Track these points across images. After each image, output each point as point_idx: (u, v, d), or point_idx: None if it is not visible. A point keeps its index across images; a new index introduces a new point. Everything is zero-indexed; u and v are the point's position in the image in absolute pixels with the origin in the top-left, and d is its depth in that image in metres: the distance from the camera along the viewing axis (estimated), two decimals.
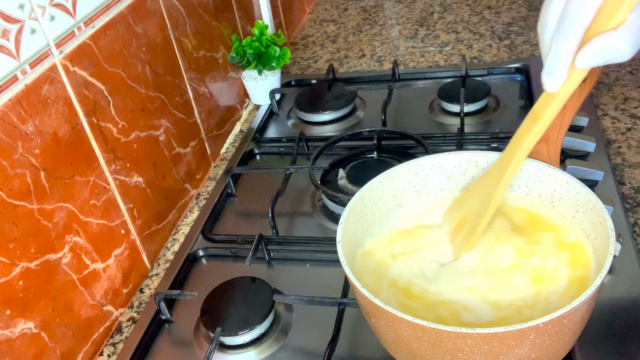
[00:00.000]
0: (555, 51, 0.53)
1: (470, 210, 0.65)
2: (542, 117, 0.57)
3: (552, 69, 0.54)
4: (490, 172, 0.65)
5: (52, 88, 0.70)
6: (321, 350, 0.67)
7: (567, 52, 0.52)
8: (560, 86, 0.55)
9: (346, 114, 1.12)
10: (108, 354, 0.78)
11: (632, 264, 0.71)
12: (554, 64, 0.54)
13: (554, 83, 0.55)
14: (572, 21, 0.51)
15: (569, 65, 0.53)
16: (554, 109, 0.57)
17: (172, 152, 0.95)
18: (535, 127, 0.58)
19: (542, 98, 0.58)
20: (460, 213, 0.67)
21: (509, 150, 0.62)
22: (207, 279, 0.84)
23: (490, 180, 0.64)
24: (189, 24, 1.01)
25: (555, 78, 0.54)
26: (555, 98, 0.56)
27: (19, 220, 0.65)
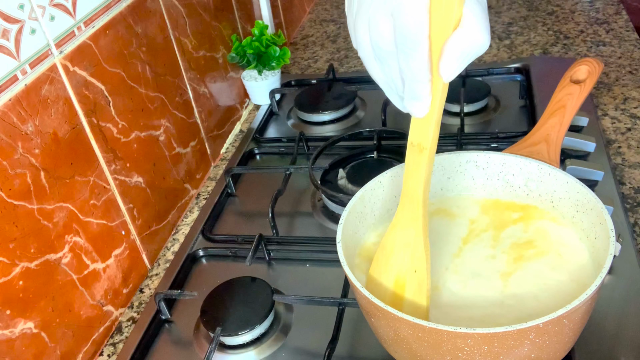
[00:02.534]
0: (409, 73, 0.47)
1: (402, 266, 0.59)
2: (427, 144, 0.52)
3: (414, 94, 0.48)
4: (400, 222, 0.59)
5: (52, 88, 0.70)
6: (321, 350, 0.67)
7: (422, 69, 0.47)
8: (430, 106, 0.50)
9: (346, 114, 1.12)
10: (108, 354, 0.78)
11: (632, 264, 0.71)
12: (414, 87, 0.48)
13: (423, 106, 0.49)
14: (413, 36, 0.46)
15: (429, 82, 0.48)
16: (435, 130, 0.51)
17: (172, 152, 0.95)
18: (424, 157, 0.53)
19: (415, 126, 0.52)
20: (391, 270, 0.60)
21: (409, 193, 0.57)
22: (207, 279, 0.84)
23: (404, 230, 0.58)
24: (189, 24, 1.01)
25: (422, 101, 0.49)
26: (432, 119, 0.51)
27: (19, 220, 0.65)
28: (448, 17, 0.45)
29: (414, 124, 0.53)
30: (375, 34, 0.48)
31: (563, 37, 1.26)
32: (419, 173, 0.55)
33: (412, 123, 0.53)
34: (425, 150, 0.53)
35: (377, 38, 0.48)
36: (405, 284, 0.59)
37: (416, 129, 0.53)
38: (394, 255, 0.60)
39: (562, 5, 1.39)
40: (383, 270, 0.60)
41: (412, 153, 0.54)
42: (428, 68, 0.47)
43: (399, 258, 0.59)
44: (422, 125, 0.52)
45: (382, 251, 0.61)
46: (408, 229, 0.58)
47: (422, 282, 0.58)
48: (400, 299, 0.59)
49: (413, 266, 0.58)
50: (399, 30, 0.46)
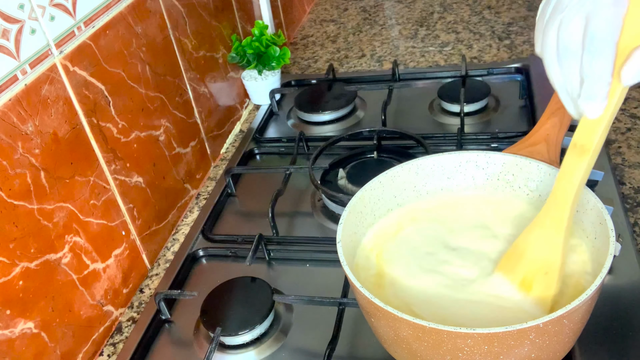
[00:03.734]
0: (591, 74, 0.50)
1: (533, 267, 0.59)
2: (591, 147, 0.53)
3: (592, 94, 0.50)
4: (542, 222, 0.59)
5: (52, 88, 0.70)
6: (321, 350, 0.67)
7: (605, 72, 0.49)
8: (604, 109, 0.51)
9: (346, 114, 1.12)
10: (108, 354, 0.78)
11: (632, 264, 0.71)
12: (593, 88, 0.50)
13: (597, 108, 0.51)
14: (603, 39, 0.48)
15: (609, 86, 0.50)
16: (601, 135, 0.52)
17: (172, 152, 0.95)
18: (584, 160, 0.54)
19: (583, 127, 0.54)
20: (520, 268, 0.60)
21: (559, 194, 0.57)
22: (207, 279, 0.84)
23: (545, 230, 0.59)
24: (189, 24, 1.01)
25: (597, 102, 0.50)
26: (602, 123, 0.52)
27: (19, 220, 0.65)
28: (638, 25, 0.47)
29: (582, 124, 0.54)
30: (565, 33, 0.50)
31: None
32: (574, 175, 0.56)
33: (580, 123, 0.54)
34: (587, 153, 0.54)
35: (566, 37, 0.50)
36: (532, 284, 0.59)
37: (583, 130, 0.54)
38: (527, 254, 0.60)
39: None
40: (512, 266, 0.61)
41: (572, 154, 0.55)
42: (611, 71, 0.49)
43: (531, 258, 0.59)
44: (590, 128, 0.53)
45: (515, 248, 0.61)
46: (549, 229, 0.58)
47: (550, 286, 0.58)
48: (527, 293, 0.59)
49: (545, 268, 0.58)
50: (591, 30, 0.48)
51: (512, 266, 0.61)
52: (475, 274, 0.63)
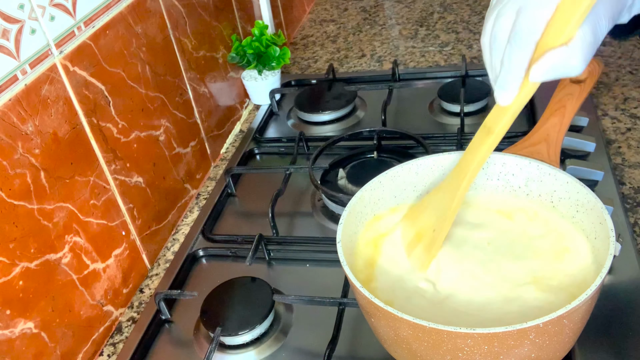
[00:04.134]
0: (507, 65, 0.53)
1: (426, 225, 0.65)
2: (496, 130, 0.57)
3: (504, 84, 0.54)
4: (444, 186, 0.65)
5: (52, 88, 0.70)
6: (321, 350, 0.67)
7: (519, 66, 0.52)
8: (513, 100, 0.54)
9: (346, 114, 1.12)
10: (108, 354, 0.78)
11: (632, 264, 0.71)
12: (506, 78, 0.53)
13: (506, 97, 0.54)
14: (524, 35, 0.51)
15: (521, 79, 0.53)
16: (507, 121, 0.56)
17: (172, 152, 0.95)
18: (489, 140, 0.58)
19: (494, 111, 0.57)
20: (414, 227, 0.67)
21: (463, 165, 0.62)
22: (207, 279, 0.84)
23: (444, 194, 0.64)
24: (189, 24, 1.01)
25: (508, 92, 0.54)
26: (508, 111, 0.55)
27: (19, 220, 0.65)
28: (561, 32, 0.49)
29: (494, 109, 0.58)
30: (497, 24, 0.54)
31: None
32: (477, 151, 0.60)
33: (493, 108, 0.58)
34: (491, 134, 0.58)
35: (496, 28, 0.54)
36: (420, 240, 0.65)
37: (494, 114, 0.58)
38: (424, 213, 0.66)
39: None
40: (412, 219, 0.68)
41: (481, 132, 0.60)
42: (524, 66, 0.52)
43: (428, 215, 0.65)
44: (499, 113, 0.57)
45: (419, 205, 0.68)
46: (446, 193, 0.64)
47: (435, 242, 0.63)
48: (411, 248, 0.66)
49: (435, 225, 0.64)
50: (517, 26, 0.52)
51: (412, 221, 0.67)
52: (475, 274, 0.63)
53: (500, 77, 0.54)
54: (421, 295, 0.62)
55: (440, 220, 0.63)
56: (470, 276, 0.62)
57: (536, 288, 0.60)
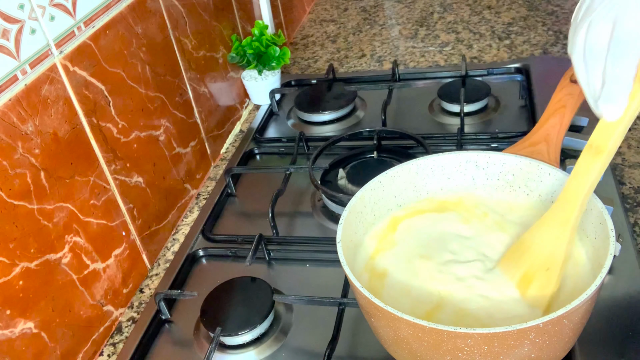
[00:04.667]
0: (612, 77, 0.50)
1: (535, 263, 0.60)
2: (606, 149, 0.53)
3: (611, 96, 0.51)
4: (549, 220, 0.60)
5: (52, 88, 0.70)
6: (321, 350, 0.67)
7: (626, 76, 0.50)
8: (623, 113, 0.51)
9: (346, 114, 1.12)
10: (108, 354, 0.78)
11: (632, 264, 0.71)
12: (613, 91, 0.50)
13: (615, 111, 0.51)
14: (627, 44, 0.49)
15: (630, 90, 0.50)
16: (618, 137, 0.53)
17: (172, 152, 0.95)
18: (599, 161, 0.54)
19: (600, 129, 0.54)
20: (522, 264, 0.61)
21: (570, 193, 0.58)
22: (207, 279, 0.84)
23: (551, 228, 0.59)
24: (189, 24, 1.01)
25: (616, 105, 0.51)
26: (619, 126, 0.52)
27: (19, 220, 0.65)
28: None
29: (599, 126, 0.54)
30: (592, 35, 0.51)
31: (563, 37, 1.26)
32: (586, 175, 0.56)
33: (598, 124, 0.54)
34: (601, 154, 0.54)
35: (592, 39, 0.51)
36: (532, 280, 0.59)
37: (600, 131, 0.54)
38: (532, 249, 0.60)
39: (562, 5, 1.39)
40: (516, 261, 0.61)
41: (586, 154, 0.55)
42: (632, 75, 0.49)
43: (535, 253, 0.60)
44: (607, 129, 0.53)
45: (520, 243, 0.62)
46: (556, 228, 0.59)
47: (549, 283, 0.58)
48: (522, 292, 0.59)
49: (547, 264, 0.59)
50: (618, 33, 0.49)
51: (516, 261, 0.61)
52: (475, 273, 0.63)
53: (605, 90, 0.51)
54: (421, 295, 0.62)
55: (552, 258, 0.58)
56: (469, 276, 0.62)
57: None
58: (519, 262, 0.61)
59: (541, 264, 0.59)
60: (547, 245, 0.59)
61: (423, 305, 0.61)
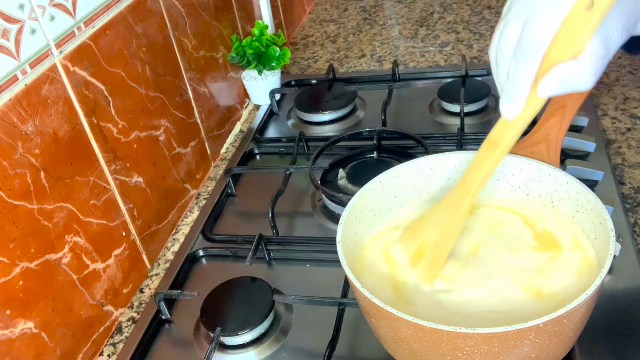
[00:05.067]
0: (513, 79, 0.52)
1: (428, 240, 0.63)
2: (501, 145, 0.56)
3: (510, 97, 0.53)
4: (446, 201, 0.63)
5: (52, 88, 0.70)
6: (321, 350, 0.67)
7: (525, 79, 0.51)
8: (519, 114, 0.53)
9: (346, 114, 1.12)
10: (108, 354, 0.78)
11: (632, 264, 0.71)
12: (512, 92, 0.52)
13: (512, 111, 0.53)
14: (529, 48, 0.50)
15: (527, 92, 0.52)
16: (513, 136, 0.55)
17: (172, 152, 0.95)
18: (494, 155, 0.57)
19: (499, 125, 0.56)
20: (417, 241, 0.65)
21: (467, 180, 0.60)
22: (207, 279, 0.84)
23: (446, 209, 0.62)
24: (189, 24, 1.01)
25: (513, 105, 0.53)
26: (514, 125, 0.54)
27: (19, 220, 0.65)
28: (570, 45, 0.48)
29: (499, 122, 0.56)
30: (503, 36, 0.53)
31: None
32: (482, 165, 0.59)
33: (498, 121, 0.56)
34: (497, 149, 0.57)
35: (503, 40, 0.53)
36: (423, 255, 0.63)
37: (499, 128, 0.57)
38: (426, 228, 0.64)
39: None
40: (412, 236, 0.66)
41: (485, 146, 0.58)
42: (530, 79, 0.51)
43: (430, 232, 0.64)
44: (505, 127, 0.56)
45: (419, 221, 0.66)
46: (449, 210, 0.62)
47: (437, 259, 0.62)
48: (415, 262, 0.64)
49: (437, 242, 0.62)
50: (522, 38, 0.50)
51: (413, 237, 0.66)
52: None
53: (505, 90, 0.53)
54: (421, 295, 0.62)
55: (442, 237, 0.62)
56: (469, 276, 0.62)
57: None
58: (416, 238, 0.65)
59: (432, 242, 0.63)
60: (439, 225, 0.63)
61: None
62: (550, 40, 0.49)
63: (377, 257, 0.66)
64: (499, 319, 0.58)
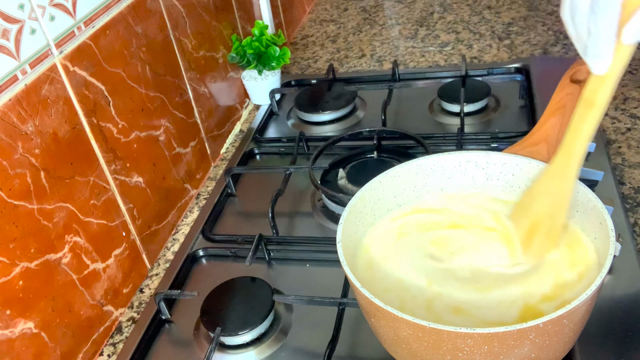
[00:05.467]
0: (596, 32, 0.52)
1: (540, 213, 0.63)
2: (597, 102, 0.56)
3: (597, 51, 0.53)
4: (551, 170, 0.63)
5: (52, 88, 0.70)
6: (321, 350, 0.67)
7: (609, 31, 0.51)
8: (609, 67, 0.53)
9: (346, 114, 1.12)
10: (108, 354, 0.78)
11: (632, 264, 0.71)
12: (598, 46, 0.52)
13: (602, 65, 0.53)
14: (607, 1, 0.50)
15: (613, 43, 0.52)
16: (607, 90, 0.55)
17: (172, 152, 0.95)
18: (592, 113, 0.57)
19: (591, 83, 0.56)
20: (529, 215, 0.65)
21: (568, 144, 0.60)
22: (207, 279, 0.84)
23: (553, 178, 0.62)
24: (189, 24, 1.01)
25: (602, 59, 0.53)
26: (607, 79, 0.54)
27: (19, 220, 0.65)
28: None
29: (591, 80, 0.56)
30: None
31: (563, 37, 1.26)
32: (582, 127, 0.58)
33: (589, 79, 0.56)
34: (593, 106, 0.56)
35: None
36: (539, 228, 0.63)
37: (592, 86, 0.56)
38: (537, 200, 0.64)
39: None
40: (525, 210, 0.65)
41: (581, 107, 0.58)
42: (614, 31, 0.51)
43: (541, 202, 0.63)
44: (598, 83, 0.55)
45: (528, 194, 0.66)
46: (556, 178, 0.62)
47: (554, 228, 0.62)
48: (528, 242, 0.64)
49: (551, 211, 0.62)
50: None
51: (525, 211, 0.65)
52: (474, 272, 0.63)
53: (590, 47, 0.53)
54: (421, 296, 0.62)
55: (555, 206, 0.62)
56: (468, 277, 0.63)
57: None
58: (528, 212, 0.64)
59: (545, 212, 0.62)
60: (550, 195, 0.62)
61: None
62: None
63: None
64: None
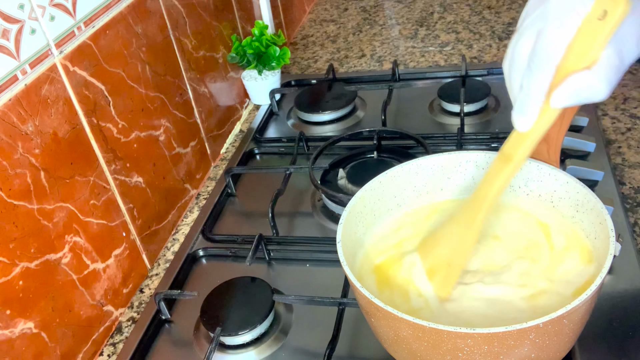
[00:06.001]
0: (526, 90, 0.51)
1: (440, 259, 0.62)
2: (515, 158, 0.55)
3: (523, 108, 0.52)
4: (458, 218, 0.62)
5: (52, 88, 0.70)
6: (321, 350, 0.67)
7: (538, 90, 0.51)
8: (532, 125, 0.53)
9: (346, 114, 1.12)
10: (108, 354, 0.78)
11: (632, 264, 0.71)
12: (525, 103, 0.52)
13: (525, 122, 0.53)
14: (542, 59, 0.49)
15: (541, 104, 0.51)
16: (526, 149, 0.54)
17: (172, 152, 0.95)
18: (507, 169, 0.56)
19: (512, 138, 0.56)
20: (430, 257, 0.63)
21: (479, 196, 0.59)
22: (207, 279, 0.84)
23: (458, 227, 0.61)
24: (189, 24, 1.01)
25: (526, 117, 0.52)
26: (528, 137, 0.54)
27: (19, 220, 0.65)
28: (584, 55, 0.48)
29: (512, 135, 0.56)
30: (517, 47, 0.52)
31: None
32: (495, 180, 0.57)
33: (511, 134, 0.55)
34: (510, 162, 0.56)
35: (517, 52, 0.52)
36: (435, 273, 0.62)
37: (512, 140, 0.56)
38: (440, 244, 0.63)
39: None
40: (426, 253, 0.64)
41: (498, 160, 0.57)
42: (544, 90, 0.50)
43: (442, 248, 0.62)
44: (518, 140, 0.55)
45: (432, 237, 0.65)
46: (460, 226, 0.61)
47: (450, 278, 0.60)
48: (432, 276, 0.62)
49: (449, 260, 0.61)
50: (535, 49, 0.50)
51: (428, 251, 0.64)
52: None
53: (518, 102, 0.52)
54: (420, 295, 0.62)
55: (455, 255, 0.61)
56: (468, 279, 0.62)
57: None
58: (430, 253, 0.63)
59: (445, 259, 0.61)
60: (452, 242, 0.61)
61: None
62: (564, 51, 0.49)
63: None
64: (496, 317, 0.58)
